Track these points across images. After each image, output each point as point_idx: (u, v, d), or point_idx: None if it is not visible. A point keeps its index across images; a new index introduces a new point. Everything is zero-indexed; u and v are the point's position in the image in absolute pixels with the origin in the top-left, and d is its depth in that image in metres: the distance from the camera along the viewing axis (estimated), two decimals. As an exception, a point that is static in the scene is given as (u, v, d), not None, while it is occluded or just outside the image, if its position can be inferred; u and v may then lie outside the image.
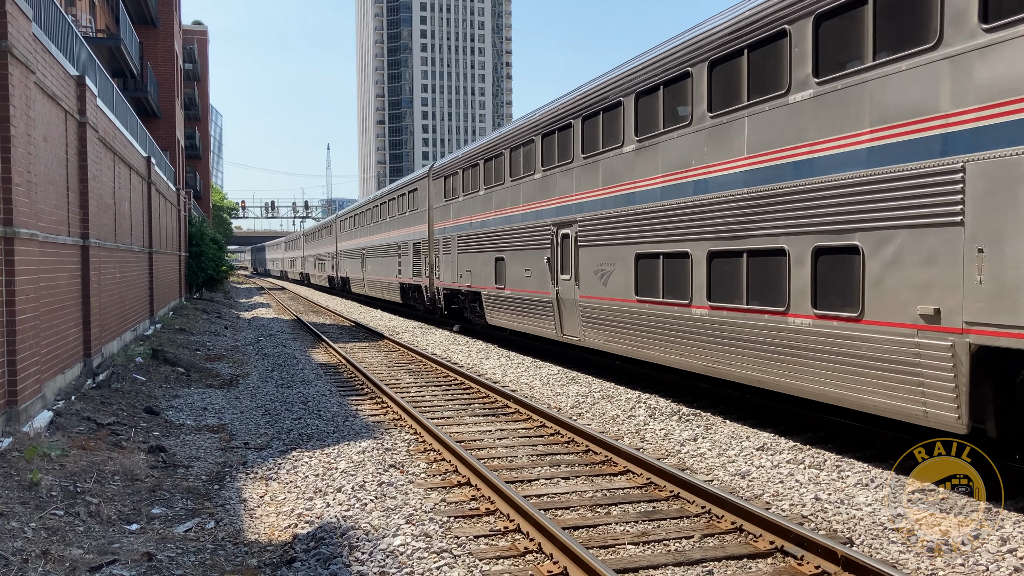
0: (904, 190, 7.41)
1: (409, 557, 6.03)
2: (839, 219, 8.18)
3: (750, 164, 9.55)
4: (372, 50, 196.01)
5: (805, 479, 7.89)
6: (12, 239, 9.13)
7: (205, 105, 63.10)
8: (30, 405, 9.58)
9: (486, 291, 19.32)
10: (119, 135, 18.00)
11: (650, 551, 6.21)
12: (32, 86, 10.19)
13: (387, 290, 32.63)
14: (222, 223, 79.85)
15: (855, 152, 8.01)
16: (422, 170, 26.92)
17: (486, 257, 19.26)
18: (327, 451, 9.39)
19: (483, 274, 19.56)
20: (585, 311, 14.13)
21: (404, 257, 28.55)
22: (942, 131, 7.02)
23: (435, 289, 24.58)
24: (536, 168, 16.27)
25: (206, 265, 38.51)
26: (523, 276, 16.83)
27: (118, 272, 17.18)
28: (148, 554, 6.05)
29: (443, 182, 23.53)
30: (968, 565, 5.74)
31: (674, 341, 11.30)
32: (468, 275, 20.77)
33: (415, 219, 27.22)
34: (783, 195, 8.97)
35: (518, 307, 17.33)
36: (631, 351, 12.68)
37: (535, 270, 16.14)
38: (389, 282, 31.83)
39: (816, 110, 8.53)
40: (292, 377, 15.39)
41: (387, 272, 31.93)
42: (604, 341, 13.59)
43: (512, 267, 17.59)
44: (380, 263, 33.56)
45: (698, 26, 10.89)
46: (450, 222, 22.59)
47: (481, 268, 19.70)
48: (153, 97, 37.16)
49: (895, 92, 7.54)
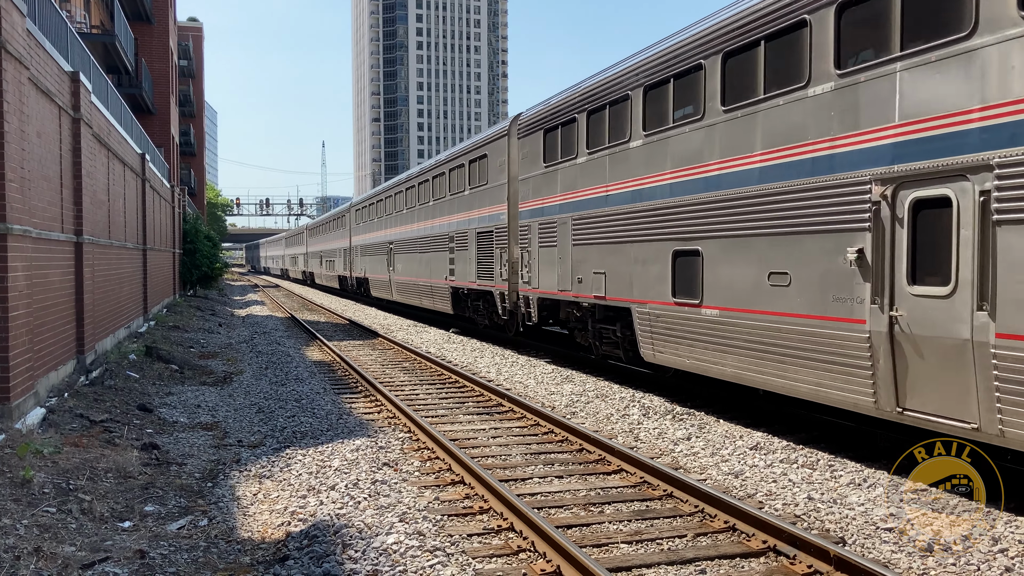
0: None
1: (402, 555, 6.03)
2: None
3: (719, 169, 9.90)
4: (368, 48, 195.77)
5: (798, 479, 7.91)
6: (5, 235, 9.10)
7: (200, 102, 62.95)
8: (23, 402, 9.55)
9: (645, 308, 11.90)
10: (113, 131, 17.94)
11: (643, 550, 6.22)
12: (26, 82, 10.16)
13: (428, 295, 24.66)
14: (217, 220, 79.80)
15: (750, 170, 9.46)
16: (496, 126, 19.35)
17: (646, 251, 11.89)
18: (321, 449, 9.38)
19: (637, 278, 12.16)
20: None
21: (461, 252, 21.13)
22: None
23: (519, 297, 17.46)
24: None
25: (200, 262, 38.45)
26: (776, 287, 9.17)
27: (112, 269, 17.13)
28: (141, 551, 6.03)
29: (539, 139, 15.87)
30: (960, 565, 5.76)
31: None
32: (596, 279, 13.45)
33: (478, 199, 19.97)
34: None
35: (747, 342, 9.68)
36: None
37: (820, 274, 8.54)
38: (432, 285, 23.97)
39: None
40: (286, 375, 15.37)
41: (428, 272, 24.25)
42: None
43: (730, 267, 10.01)
44: (416, 260, 25.74)
45: None
46: (553, 198, 15.17)
47: (630, 268, 12.36)
48: (148, 93, 37.06)
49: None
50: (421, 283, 25.27)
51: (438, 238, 23.26)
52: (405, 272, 27.33)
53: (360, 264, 36.80)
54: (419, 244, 25.44)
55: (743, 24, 9.78)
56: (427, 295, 24.72)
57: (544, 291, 15.72)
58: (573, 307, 15.01)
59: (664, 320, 11.48)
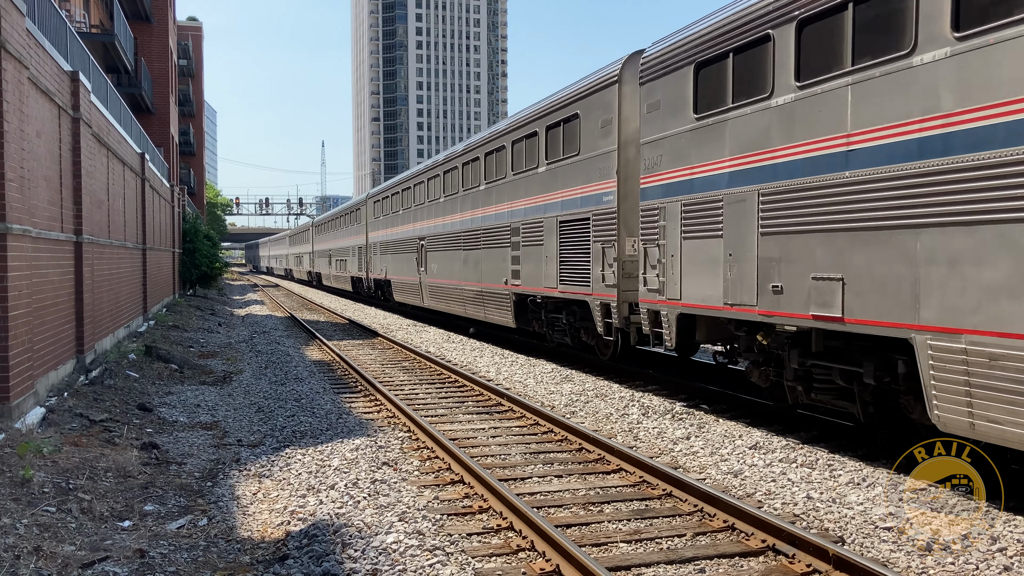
0: None
1: (402, 555, 6.03)
2: None
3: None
4: (367, 47, 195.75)
5: (797, 478, 7.91)
6: (5, 235, 9.11)
7: (200, 101, 62.96)
8: (22, 401, 9.56)
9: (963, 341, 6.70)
10: (113, 131, 17.95)
11: (642, 549, 6.22)
12: (26, 81, 10.16)
13: (477, 303, 19.71)
14: (216, 220, 79.81)
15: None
16: (596, 72, 14.11)
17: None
18: (320, 448, 9.39)
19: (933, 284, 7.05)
20: None
21: (531, 247, 16.29)
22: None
23: (633, 310, 12.74)
24: None
25: (200, 262, 38.45)
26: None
27: (111, 268, 17.13)
28: (140, 551, 6.04)
29: (685, 79, 10.74)
30: (959, 564, 5.77)
31: None
32: (820, 288, 8.31)
33: (562, 176, 14.92)
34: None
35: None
36: None
37: None
38: (484, 291, 19.09)
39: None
40: (286, 374, 15.37)
41: (478, 273, 19.52)
42: None
43: None
44: (461, 259, 20.97)
45: None
46: (717, 164, 10.09)
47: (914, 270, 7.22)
48: (147, 93, 37.07)
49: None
50: (468, 287, 20.23)
51: (494, 230, 18.32)
52: (443, 273, 22.58)
53: (379, 264, 32.00)
54: (465, 239, 20.57)
55: None
56: (475, 303, 19.70)
57: (694, 304, 10.66)
58: (751, 330, 9.95)
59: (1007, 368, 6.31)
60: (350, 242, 39.91)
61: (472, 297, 20.05)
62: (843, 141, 8.05)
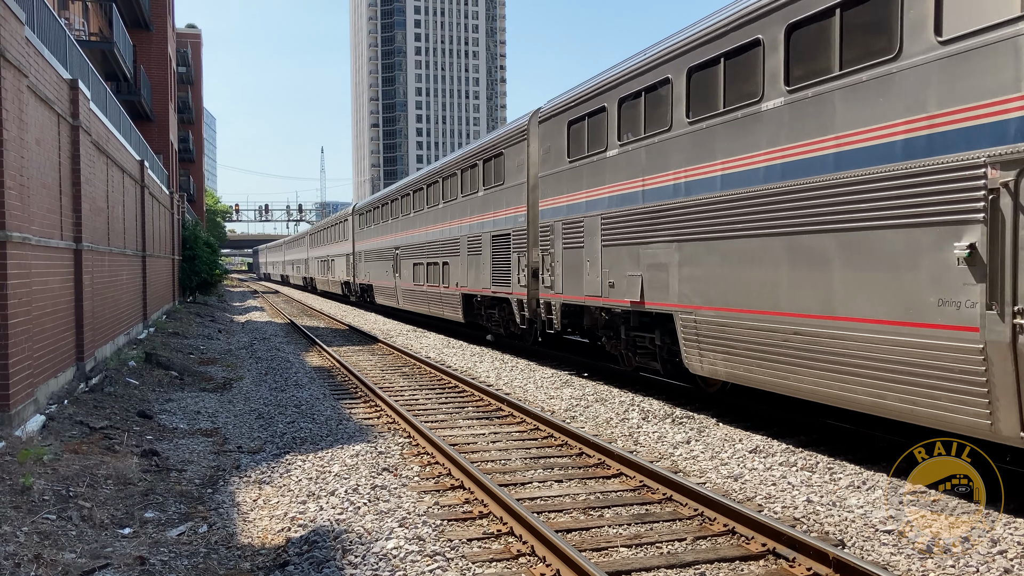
0: None
1: (402, 560, 6.03)
2: None
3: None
4: (366, 53, 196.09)
5: (797, 481, 7.91)
6: (4, 243, 9.11)
7: (199, 108, 63.05)
8: (22, 409, 9.56)
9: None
10: (112, 138, 17.98)
11: (643, 553, 6.23)
12: (25, 90, 10.18)
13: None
14: (216, 226, 79.76)
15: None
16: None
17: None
18: (320, 455, 9.38)
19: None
20: None
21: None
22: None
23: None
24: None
25: (200, 269, 38.46)
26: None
27: (111, 276, 17.14)
28: (141, 558, 6.04)
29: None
30: (959, 566, 5.77)
31: None
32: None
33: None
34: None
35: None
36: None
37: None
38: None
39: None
40: (286, 380, 15.37)
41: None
42: None
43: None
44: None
45: None
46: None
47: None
48: (146, 100, 37.11)
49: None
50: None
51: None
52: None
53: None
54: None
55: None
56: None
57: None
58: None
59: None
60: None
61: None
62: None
